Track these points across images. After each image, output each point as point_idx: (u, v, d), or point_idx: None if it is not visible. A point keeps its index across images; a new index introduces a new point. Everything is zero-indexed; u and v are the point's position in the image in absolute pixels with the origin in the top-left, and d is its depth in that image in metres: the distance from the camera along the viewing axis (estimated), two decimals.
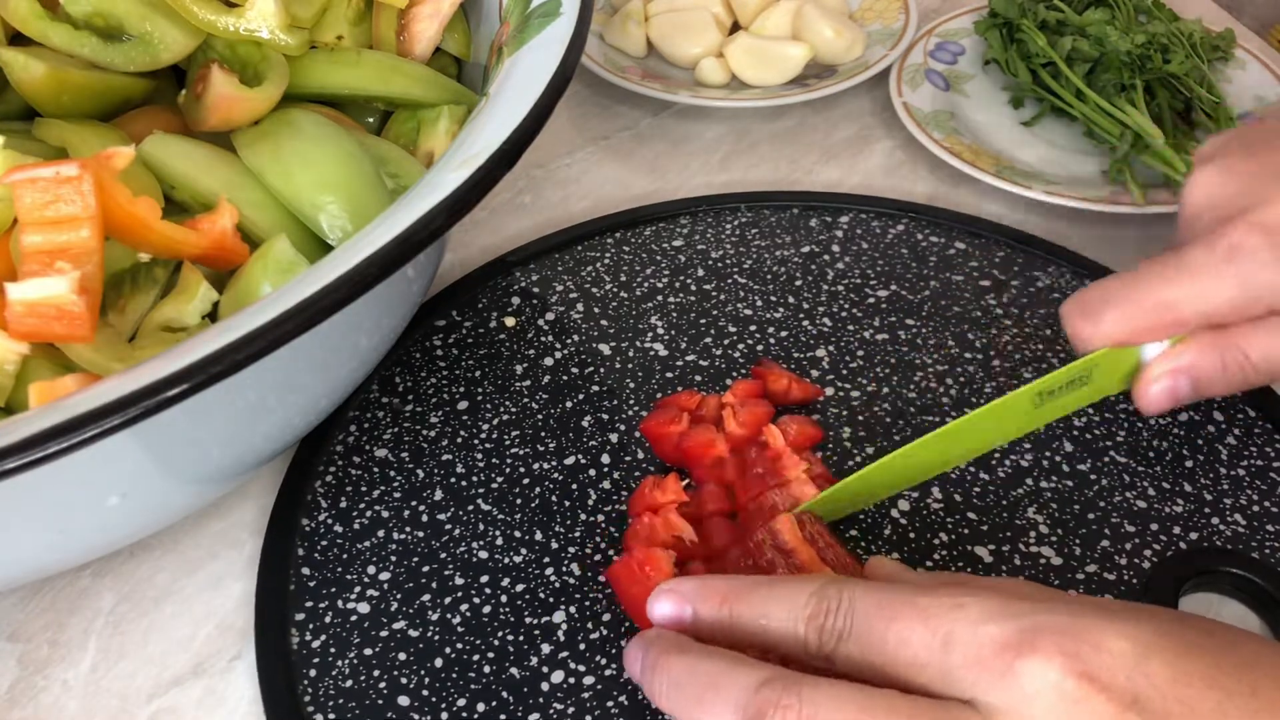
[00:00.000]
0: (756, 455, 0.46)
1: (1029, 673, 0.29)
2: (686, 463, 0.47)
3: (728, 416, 0.48)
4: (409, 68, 0.53)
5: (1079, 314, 0.41)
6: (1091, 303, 0.41)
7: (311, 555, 0.46)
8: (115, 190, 0.39)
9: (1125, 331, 0.40)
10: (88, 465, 0.36)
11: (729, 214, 0.61)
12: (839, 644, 0.32)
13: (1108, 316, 0.40)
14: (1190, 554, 0.44)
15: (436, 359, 0.53)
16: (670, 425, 0.47)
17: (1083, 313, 0.41)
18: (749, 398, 0.49)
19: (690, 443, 0.47)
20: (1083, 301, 0.41)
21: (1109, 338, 0.40)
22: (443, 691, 0.41)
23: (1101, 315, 0.40)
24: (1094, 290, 0.41)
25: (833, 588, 0.33)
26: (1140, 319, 0.40)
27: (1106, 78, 0.64)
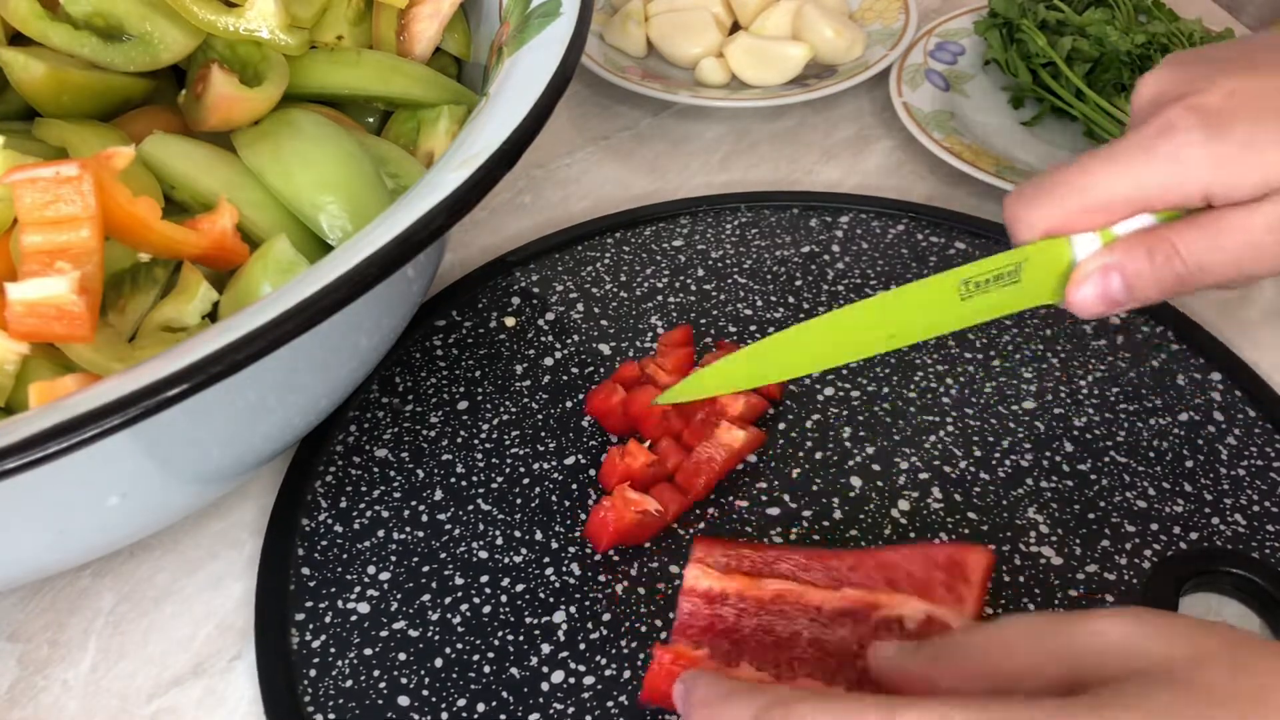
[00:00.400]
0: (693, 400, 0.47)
1: None
2: (636, 425, 0.49)
3: (655, 370, 0.50)
4: (409, 68, 0.53)
5: (1015, 201, 0.40)
6: (1028, 190, 0.40)
7: (311, 555, 0.46)
8: (115, 190, 0.39)
9: (1057, 216, 0.39)
10: (88, 465, 0.36)
11: (729, 214, 0.61)
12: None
13: (1039, 202, 0.40)
14: (1190, 554, 0.44)
15: (436, 359, 0.53)
16: (611, 397, 0.49)
17: (1020, 199, 0.40)
18: (670, 347, 0.51)
19: (635, 405, 0.48)
20: (1022, 189, 0.41)
21: (1041, 224, 0.40)
22: (443, 691, 0.41)
23: (1034, 201, 0.40)
24: (1035, 179, 0.40)
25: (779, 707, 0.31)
26: (1071, 201, 0.39)
27: (1106, 78, 0.64)
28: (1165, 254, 0.39)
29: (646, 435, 0.48)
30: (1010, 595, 0.43)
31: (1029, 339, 0.53)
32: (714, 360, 0.46)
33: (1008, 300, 0.41)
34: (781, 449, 0.48)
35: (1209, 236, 0.38)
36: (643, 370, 0.50)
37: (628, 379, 0.50)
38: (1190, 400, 0.49)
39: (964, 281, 0.40)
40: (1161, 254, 0.39)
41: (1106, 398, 0.50)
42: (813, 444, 0.49)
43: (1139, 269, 0.39)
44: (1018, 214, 0.40)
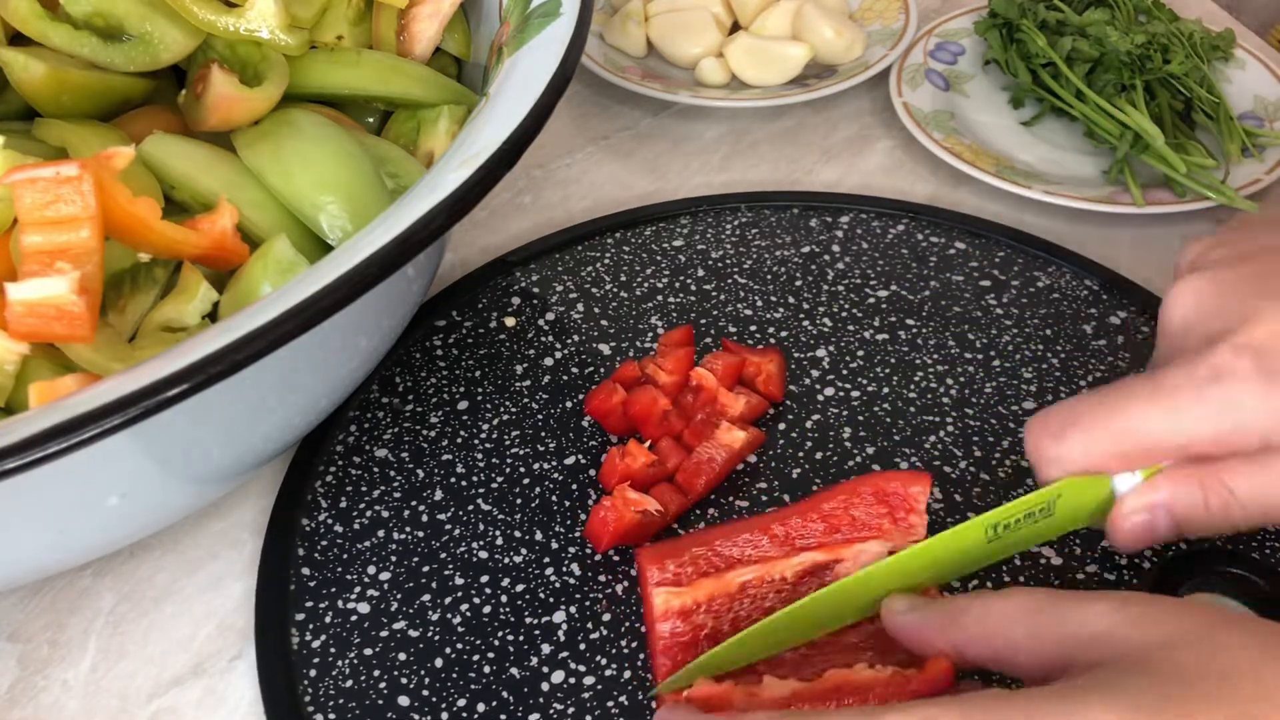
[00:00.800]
0: (694, 400, 0.49)
1: None
2: (636, 426, 0.49)
3: (655, 370, 0.49)
4: (409, 68, 0.53)
5: (1042, 434, 0.36)
6: (1057, 423, 0.36)
7: (312, 555, 0.46)
8: (115, 190, 0.39)
9: (1092, 459, 0.35)
10: (88, 465, 0.36)
11: (729, 214, 0.61)
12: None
13: (1074, 440, 0.36)
14: (1191, 554, 0.44)
15: (436, 359, 0.53)
16: (611, 397, 0.49)
17: (1047, 433, 0.36)
18: (671, 347, 0.51)
19: (635, 406, 0.48)
20: (1048, 421, 0.37)
21: (1074, 464, 0.36)
22: (443, 691, 0.41)
23: (1067, 438, 0.36)
24: (1061, 409, 0.36)
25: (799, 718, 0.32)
26: (1110, 446, 0.35)
27: (1106, 78, 0.64)
28: (1220, 496, 0.35)
29: (647, 436, 0.48)
30: None
31: (1029, 339, 0.53)
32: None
33: (1037, 534, 0.38)
34: (782, 449, 0.48)
35: (1267, 475, 0.34)
36: (643, 370, 0.50)
37: (628, 379, 0.50)
38: None
39: (992, 526, 0.37)
40: (1216, 496, 0.35)
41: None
42: (813, 444, 0.49)
43: (1190, 508, 0.35)
44: (1045, 452, 0.36)
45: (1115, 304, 0.54)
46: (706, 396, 0.49)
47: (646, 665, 0.41)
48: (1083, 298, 0.54)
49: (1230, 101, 0.66)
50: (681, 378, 0.49)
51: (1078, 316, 0.53)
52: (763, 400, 0.50)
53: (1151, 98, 0.64)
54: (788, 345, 0.53)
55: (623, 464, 0.46)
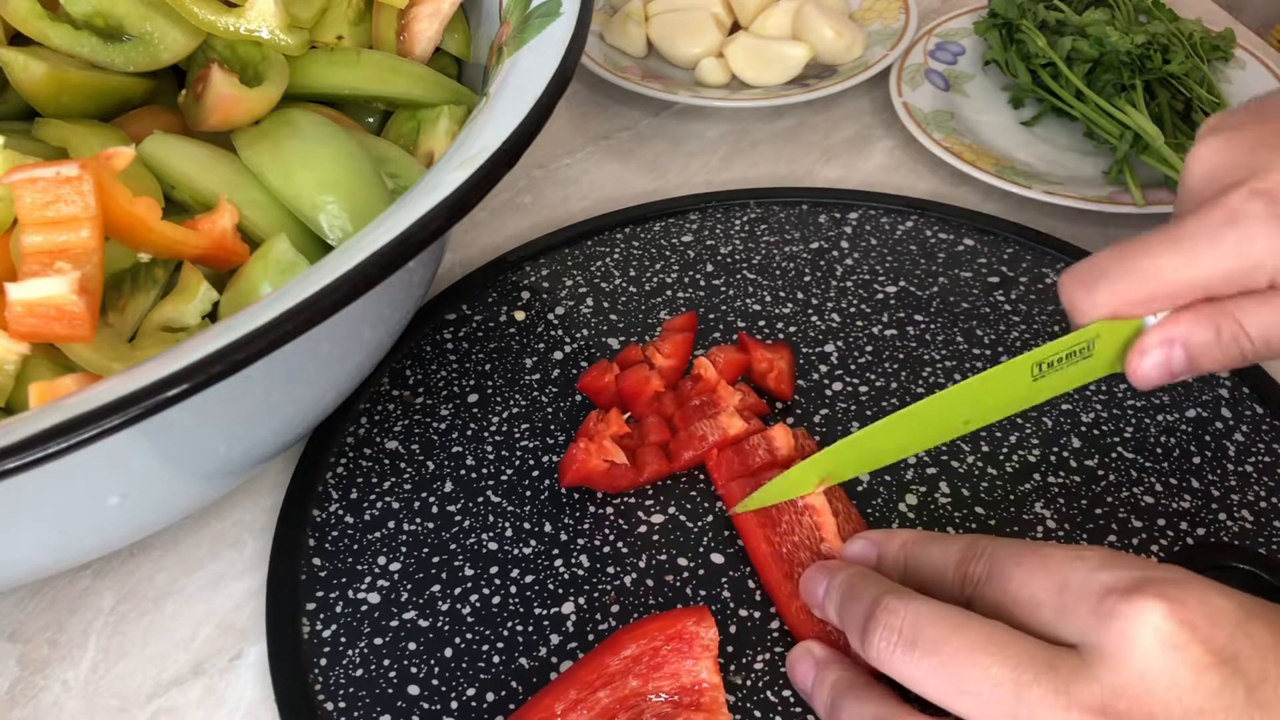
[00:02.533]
0: (692, 388, 0.49)
1: (1132, 615, 0.30)
2: (626, 402, 0.49)
3: (652, 353, 0.50)
4: (409, 68, 0.53)
5: (1074, 284, 0.39)
6: (1086, 273, 0.39)
7: (322, 546, 0.46)
8: (115, 190, 0.39)
9: (1119, 302, 0.38)
10: (88, 465, 0.36)
11: (738, 210, 0.61)
12: (977, 588, 0.35)
13: (1101, 286, 0.39)
14: (1197, 549, 0.43)
15: (447, 352, 0.53)
16: (604, 375, 0.49)
17: (1077, 283, 0.39)
18: (671, 332, 0.52)
19: (626, 382, 0.49)
20: (1078, 272, 0.40)
21: (1103, 308, 0.39)
22: (452, 681, 0.41)
23: (1095, 285, 0.39)
24: (1090, 261, 0.39)
25: (982, 540, 0.36)
26: (1134, 288, 0.38)
27: (1106, 78, 0.64)
28: (1231, 331, 0.38)
29: (636, 414, 0.49)
30: None
31: (1036, 335, 0.52)
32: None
33: (1078, 374, 0.41)
34: None
35: (1275, 312, 0.37)
36: (644, 354, 0.51)
37: (628, 362, 0.51)
38: (1198, 397, 0.49)
39: (1038, 364, 0.40)
40: (1228, 330, 0.38)
41: (1114, 394, 0.50)
42: (821, 439, 0.48)
43: (1204, 342, 0.38)
44: (1076, 298, 0.39)
45: None
46: (705, 386, 0.49)
47: None
48: None
49: (1230, 101, 0.66)
50: (679, 362, 0.50)
51: None
52: (760, 401, 0.49)
53: (1151, 98, 0.64)
54: (796, 340, 0.53)
55: (596, 428, 0.47)
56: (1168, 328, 0.39)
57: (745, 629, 0.42)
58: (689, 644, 0.40)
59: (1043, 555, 0.34)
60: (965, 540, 0.37)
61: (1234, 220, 0.36)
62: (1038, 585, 0.33)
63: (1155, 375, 0.39)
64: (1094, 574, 0.32)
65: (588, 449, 0.46)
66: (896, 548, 0.39)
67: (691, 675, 0.39)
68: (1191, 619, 0.30)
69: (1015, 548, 0.35)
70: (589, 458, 0.46)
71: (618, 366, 0.50)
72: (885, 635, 0.34)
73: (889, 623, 0.34)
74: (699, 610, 0.41)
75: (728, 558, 0.44)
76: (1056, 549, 0.34)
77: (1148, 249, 0.38)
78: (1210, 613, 0.30)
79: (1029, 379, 0.40)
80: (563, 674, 0.40)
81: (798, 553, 0.43)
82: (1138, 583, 0.31)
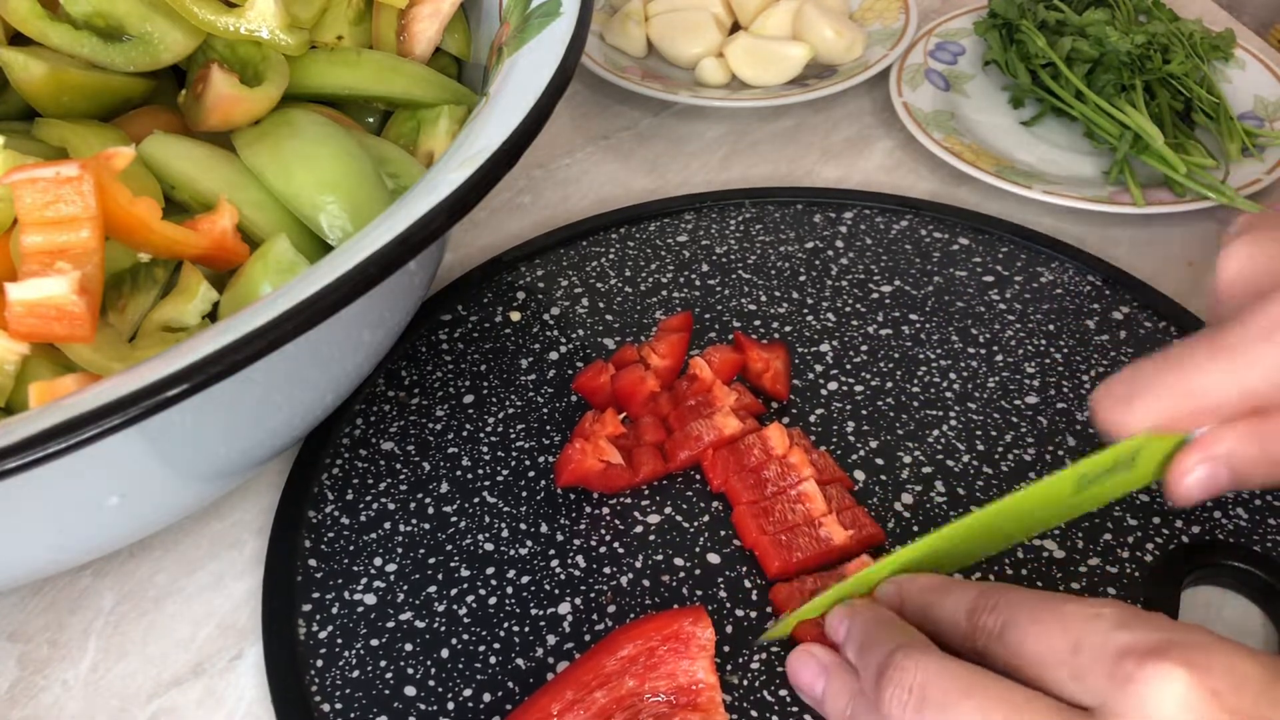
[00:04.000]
0: (688, 388, 0.49)
1: (1154, 681, 0.29)
2: (621, 402, 0.49)
3: (648, 353, 0.51)
4: (409, 68, 0.53)
5: (1109, 401, 0.37)
6: (1124, 390, 0.37)
7: (318, 547, 0.46)
8: (115, 190, 0.39)
9: (1159, 418, 0.36)
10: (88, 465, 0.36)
11: (733, 210, 0.61)
12: (989, 642, 0.34)
13: (1138, 405, 0.36)
14: (1192, 547, 0.44)
15: (442, 353, 0.53)
16: (600, 375, 0.50)
17: (1113, 400, 0.37)
18: (666, 332, 0.52)
19: (621, 383, 0.49)
20: (1112, 388, 0.37)
21: (1142, 425, 0.36)
22: (449, 682, 0.41)
23: (1132, 403, 0.36)
24: (1124, 376, 0.37)
25: (995, 590, 0.35)
26: (1173, 406, 0.36)
27: (1106, 78, 0.64)
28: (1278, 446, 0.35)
29: (631, 414, 0.50)
30: None
31: (1032, 334, 0.52)
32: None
33: (1119, 486, 0.39)
34: None
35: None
36: (639, 354, 0.51)
37: (623, 362, 0.51)
38: None
39: (1081, 477, 0.38)
40: (1276, 447, 0.35)
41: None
42: (816, 438, 0.49)
43: (1250, 462, 0.36)
44: (1113, 419, 0.37)
45: (1118, 299, 0.54)
46: (700, 386, 0.49)
47: None
48: (1085, 293, 0.54)
49: (1230, 101, 0.66)
50: (675, 362, 0.50)
51: (1080, 312, 0.53)
52: (756, 401, 0.50)
53: (1151, 98, 0.64)
54: (791, 340, 0.53)
55: (592, 429, 0.47)
56: (1211, 445, 0.36)
57: (741, 629, 0.42)
58: (685, 644, 0.40)
59: (1058, 611, 0.33)
60: (978, 589, 0.36)
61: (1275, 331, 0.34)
62: (1052, 643, 0.32)
63: (1198, 493, 0.37)
64: (1111, 634, 0.31)
65: (584, 449, 0.46)
66: (916, 592, 0.38)
67: (688, 675, 0.39)
68: (1215, 686, 0.29)
69: (1029, 601, 0.34)
70: (585, 458, 0.46)
71: (613, 367, 0.50)
72: (897, 694, 0.33)
73: (900, 680, 0.33)
74: (695, 610, 0.41)
75: (724, 558, 0.45)
76: (1071, 603, 0.33)
77: (1188, 363, 0.36)
78: (1235, 679, 0.29)
79: (1072, 492, 0.39)
80: (559, 674, 0.40)
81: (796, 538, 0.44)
82: (1158, 645, 0.30)
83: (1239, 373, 0.35)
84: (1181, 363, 0.36)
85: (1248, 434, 0.36)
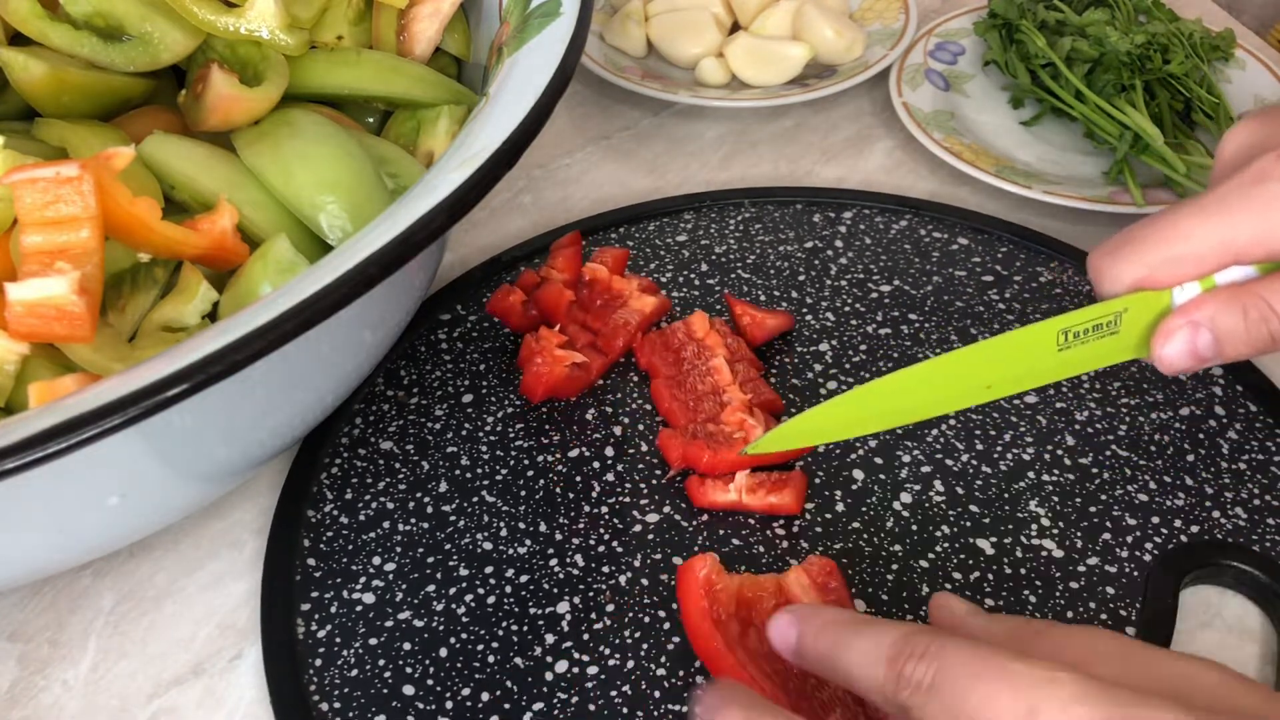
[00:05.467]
0: (590, 291, 0.54)
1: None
2: (547, 317, 0.53)
3: (548, 271, 0.55)
4: (409, 68, 0.53)
5: (1100, 254, 0.38)
6: (1113, 243, 0.37)
7: (317, 546, 0.46)
8: (115, 190, 0.39)
9: (1144, 269, 0.37)
10: (88, 465, 0.36)
11: (733, 209, 0.61)
12: (916, 697, 0.30)
13: (1125, 254, 0.37)
14: (1191, 547, 0.44)
15: (441, 352, 0.54)
16: (508, 297, 0.54)
17: (1104, 253, 0.38)
18: (559, 249, 0.56)
19: (543, 299, 0.53)
20: (1105, 244, 0.38)
21: (1129, 276, 0.37)
22: (447, 681, 0.41)
23: (1120, 253, 0.37)
24: (1118, 234, 0.38)
25: (923, 635, 0.31)
26: (1159, 252, 0.36)
27: (1106, 78, 0.64)
28: (1260, 311, 0.36)
29: (556, 322, 0.53)
30: (1011, 588, 0.43)
31: None
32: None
33: (1106, 352, 0.39)
34: None
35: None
36: (540, 275, 0.55)
37: (527, 285, 0.55)
38: (1191, 395, 0.49)
39: (1063, 331, 0.38)
40: (1256, 311, 0.36)
41: (1108, 392, 0.50)
42: None
43: (1231, 326, 0.36)
44: (1102, 269, 0.38)
45: None
46: (603, 285, 0.54)
47: (650, 655, 0.41)
48: (1085, 293, 0.54)
49: (1230, 101, 0.66)
50: (573, 275, 0.55)
51: None
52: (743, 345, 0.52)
53: (1151, 98, 0.64)
54: (791, 339, 0.53)
55: (540, 345, 0.51)
56: (1193, 310, 0.37)
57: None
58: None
59: (1005, 671, 0.29)
60: (901, 630, 0.31)
61: (1262, 179, 0.35)
62: (1001, 706, 0.28)
63: (1181, 360, 0.37)
64: (1069, 707, 0.28)
65: (548, 360, 0.49)
66: (816, 629, 0.34)
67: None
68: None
69: (968, 655, 0.30)
70: (553, 367, 0.49)
71: (520, 291, 0.54)
72: None
73: None
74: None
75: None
76: (1021, 664, 0.29)
77: (1176, 213, 0.37)
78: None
79: (1054, 347, 0.39)
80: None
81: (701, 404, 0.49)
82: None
83: (1221, 220, 0.36)
84: (1169, 217, 0.37)
85: (1228, 299, 0.36)
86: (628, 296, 0.54)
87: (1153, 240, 0.37)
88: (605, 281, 0.54)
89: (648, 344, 0.52)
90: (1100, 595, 0.42)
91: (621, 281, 0.54)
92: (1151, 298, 0.38)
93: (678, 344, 0.51)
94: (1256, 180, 0.35)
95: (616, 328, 0.52)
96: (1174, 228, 0.36)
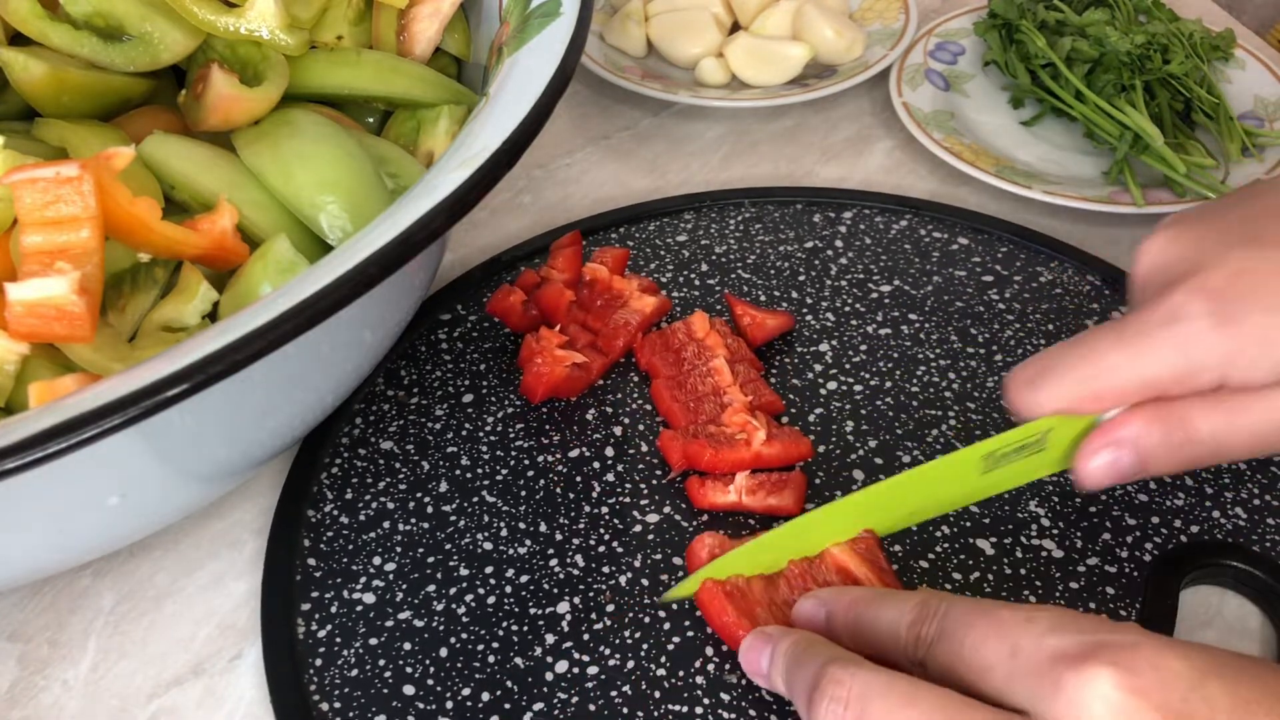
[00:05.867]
0: (590, 291, 0.54)
1: (1083, 685, 0.29)
2: (547, 317, 0.53)
3: (548, 271, 0.55)
4: (409, 68, 0.53)
5: (1018, 384, 0.38)
6: (1033, 372, 0.38)
7: (317, 546, 0.46)
8: (115, 190, 0.39)
9: (1064, 401, 0.37)
10: (88, 465, 0.36)
11: (733, 209, 0.61)
12: (929, 650, 0.34)
13: (1044, 387, 0.37)
14: (1191, 547, 0.44)
15: (441, 352, 0.54)
16: (509, 297, 0.54)
17: (1021, 382, 0.38)
18: (559, 249, 0.56)
19: (543, 299, 0.53)
20: (1024, 370, 0.38)
21: (1050, 407, 0.37)
22: (448, 681, 0.41)
23: (1038, 386, 0.37)
24: (1035, 360, 0.38)
25: (935, 599, 0.35)
26: (1078, 387, 0.37)
27: (1106, 78, 0.64)
28: (1183, 433, 0.36)
29: (556, 322, 0.53)
30: (1011, 587, 0.43)
31: (1031, 334, 0.53)
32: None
33: (1031, 468, 0.40)
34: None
35: (1226, 415, 0.36)
36: (540, 276, 0.55)
37: (527, 285, 0.55)
38: None
39: (987, 456, 0.39)
40: (1179, 432, 0.36)
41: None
42: (815, 438, 0.49)
43: (1153, 445, 0.37)
44: (1021, 398, 0.38)
45: (1118, 299, 0.54)
46: (603, 285, 0.54)
47: (650, 655, 0.41)
48: (1085, 293, 0.54)
49: (1230, 101, 0.66)
50: (573, 275, 0.55)
51: (1080, 311, 0.54)
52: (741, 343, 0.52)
53: (1151, 98, 0.64)
54: (791, 339, 0.53)
55: (540, 345, 0.51)
56: (1116, 429, 0.37)
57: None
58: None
59: (994, 617, 0.33)
60: (918, 598, 0.35)
61: (1174, 320, 0.35)
62: (989, 650, 0.32)
63: (1103, 477, 0.38)
64: (1043, 639, 0.31)
65: (548, 360, 0.50)
66: (845, 606, 0.38)
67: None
68: (1142, 685, 0.29)
69: (967, 609, 0.34)
70: (553, 368, 0.49)
71: (521, 291, 0.54)
72: (832, 707, 0.33)
73: (835, 694, 0.33)
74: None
75: None
76: (1008, 610, 0.33)
77: (1091, 347, 0.37)
78: (1163, 677, 0.29)
79: (978, 471, 0.40)
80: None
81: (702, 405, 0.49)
82: (1087, 649, 0.30)
83: (1139, 360, 0.36)
84: (1087, 348, 0.37)
85: (1151, 419, 0.36)
86: (628, 296, 0.54)
87: (1075, 374, 0.37)
88: (605, 281, 0.54)
89: (648, 344, 0.52)
90: (1100, 595, 0.42)
91: (622, 281, 0.54)
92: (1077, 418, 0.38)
93: (678, 344, 0.52)
94: (1170, 320, 0.35)
95: (617, 328, 0.52)
96: (1096, 361, 0.36)
